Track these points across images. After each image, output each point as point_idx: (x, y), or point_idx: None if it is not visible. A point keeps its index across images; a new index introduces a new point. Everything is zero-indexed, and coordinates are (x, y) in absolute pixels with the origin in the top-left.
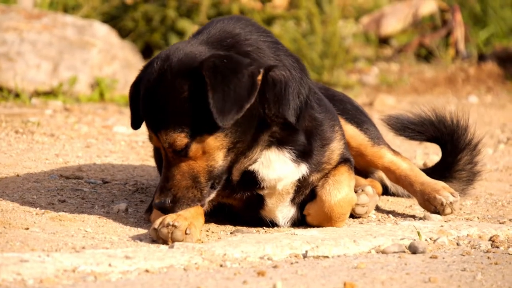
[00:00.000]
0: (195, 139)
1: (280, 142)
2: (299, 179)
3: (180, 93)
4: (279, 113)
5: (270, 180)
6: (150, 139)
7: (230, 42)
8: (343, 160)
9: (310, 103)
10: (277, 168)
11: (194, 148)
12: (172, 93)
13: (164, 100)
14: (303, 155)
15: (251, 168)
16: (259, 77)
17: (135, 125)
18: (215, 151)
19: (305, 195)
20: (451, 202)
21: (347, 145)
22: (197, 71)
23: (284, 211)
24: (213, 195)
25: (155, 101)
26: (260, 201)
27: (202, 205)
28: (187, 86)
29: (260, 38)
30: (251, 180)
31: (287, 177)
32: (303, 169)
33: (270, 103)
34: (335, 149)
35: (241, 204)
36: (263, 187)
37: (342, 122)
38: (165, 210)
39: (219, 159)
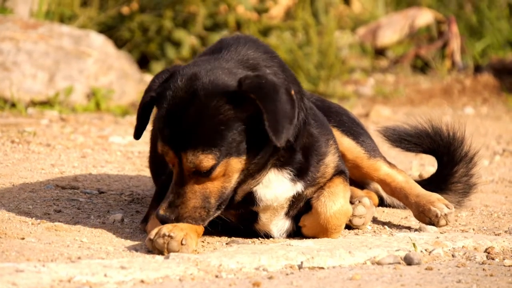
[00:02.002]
0: (221, 161)
1: (281, 164)
2: (293, 195)
3: (216, 115)
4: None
5: (267, 200)
6: (164, 153)
7: (252, 64)
8: (338, 172)
9: (308, 120)
10: (275, 187)
11: (218, 170)
12: (205, 114)
13: (195, 120)
14: (299, 173)
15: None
16: (293, 92)
17: (138, 135)
18: (234, 173)
19: (300, 208)
20: (445, 214)
21: (341, 157)
22: (237, 94)
23: (279, 224)
24: (216, 215)
25: (183, 121)
26: (254, 216)
27: (203, 225)
28: (225, 109)
29: (272, 59)
30: (249, 199)
31: (282, 196)
32: (298, 186)
33: None
34: (330, 162)
35: (234, 218)
36: (258, 205)
37: (338, 134)
38: (166, 223)
39: (233, 181)
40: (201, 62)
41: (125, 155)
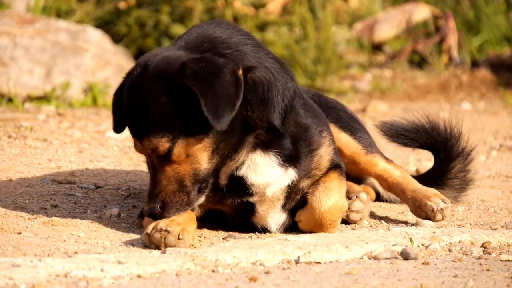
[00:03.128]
0: (177, 143)
1: (265, 145)
2: (288, 185)
3: (159, 99)
4: (263, 116)
5: (259, 185)
6: (135, 147)
7: (207, 46)
8: (334, 166)
9: (295, 108)
10: (264, 171)
11: (177, 152)
12: (150, 99)
13: (143, 106)
14: (290, 159)
15: (239, 173)
16: (240, 72)
17: (118, 129)
18: (199, 153)
19: (297, 201)
20: (441, 209)
21: (337, 150)
22: (176, 78)
23: (275, 217)
24: (201, 199)
25: (135, 109)
26: (251, 208)
27: (192, 210)
28: (165, 92)
29: (241, 41)
30: (240, 186)
31: (275, 182)
32: (291, 174)
33: (253, 105)
34: (324, 154)
35: (232, 211)
36: (252, 193)
37: (336, 130)
38: (155, 217)
39: (204, 162)
40: (158, 50)
41: (122, 150)
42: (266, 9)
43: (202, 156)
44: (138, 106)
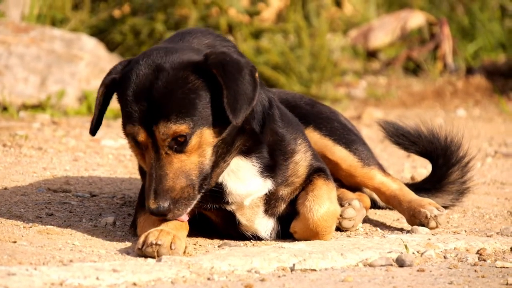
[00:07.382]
0: (195, 132)
1: (247, 151)
2: (266, 194)
3: (184, 85)
4: (247, 121)
5: (237, 194)
6: (135, 135)
7: (208, 44)
8: (315, 171)
9: (274, 117)
10: (245, 178)
11: (194, 141)
12: (174, 84)
13: (164, 92)
14: (267, 169)
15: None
16: (256, 75)
17: (96, 128)
18: (207, 146)
19: (281, 208)
20: (435, 215)
21: (316, 155)
22: (203, 66)
23: (262, 223)
24: (199, 197)
25: (152, 95)
26: (234, 218)
27: (192, 202)
28: (191, 78)
29: (228, 44)
30: (219, 192)
31: (254, 192)
32: (268, 184)
33: None
34: (300, 161)
35: (219, 219)
36: (228, 202)
37: (330, 143)
38: (164, 215)
39: (208, 156)
40: (159, 46)
41: (117, 158)
42: (260, 16)
43: (208, 150)
44: (157, 92)
